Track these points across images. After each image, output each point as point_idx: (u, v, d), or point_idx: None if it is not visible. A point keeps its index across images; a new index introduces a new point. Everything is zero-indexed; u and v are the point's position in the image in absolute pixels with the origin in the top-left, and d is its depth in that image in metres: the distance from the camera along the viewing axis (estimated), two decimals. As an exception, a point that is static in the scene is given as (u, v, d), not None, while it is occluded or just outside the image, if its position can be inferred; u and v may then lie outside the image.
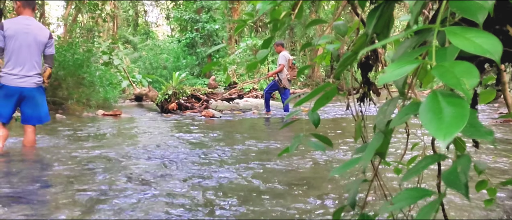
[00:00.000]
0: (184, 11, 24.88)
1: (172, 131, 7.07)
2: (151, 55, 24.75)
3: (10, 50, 4.72)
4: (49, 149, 5.00)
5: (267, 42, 2.29)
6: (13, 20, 4.90)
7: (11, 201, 2.78)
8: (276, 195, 2.97)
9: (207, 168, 3.88)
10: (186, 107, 11.23)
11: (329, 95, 1.35)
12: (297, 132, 5.03)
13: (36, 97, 4.92)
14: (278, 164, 4.06)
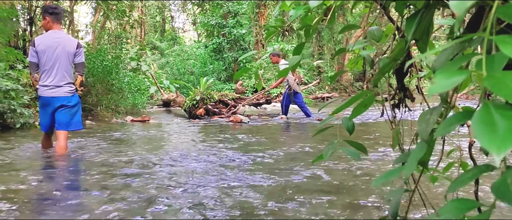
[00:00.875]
0: (211, 16, 25.00)
1: (200, 136, 7.10)
2: (178, 60, 24.95)
3: (43, 64, 4.98)
4: (80, 155, 5.07)
5: (299, 48, 2.27)
6: (44, 35, 5.12)
7: (45, 207, 2.82)
8: (304, 202, 2.94)
9: (237, 174, 3.87)
10: (213, 113, 11.26)
11: (367, 103, 1.32)
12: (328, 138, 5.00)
13: (68, 105, 5.10)
14: (307, 170, 4.03)
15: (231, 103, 11.77)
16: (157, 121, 10.33)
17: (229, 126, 8.84)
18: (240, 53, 23.73)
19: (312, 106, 16.35)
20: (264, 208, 2.81)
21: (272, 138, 7.12)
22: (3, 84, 7.65)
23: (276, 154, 5.04)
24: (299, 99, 10.99)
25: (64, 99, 5.07)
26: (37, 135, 6.92)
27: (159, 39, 40.07)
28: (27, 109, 8.23)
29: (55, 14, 5.11)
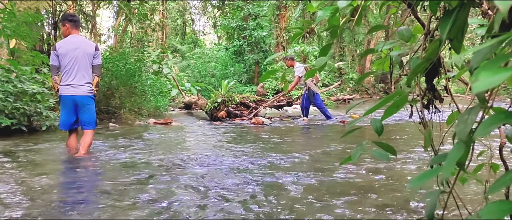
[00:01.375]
0: (231, 19, 25.07)
1: (222, 138, 7.11)
2: (199, 63, 25.06)
3: (64, 66, 5.31)
4: (104, 156, 5.12)
5: (325, 49, 2.26)
6: (64, 40, 5.49)
7: (69, 208, 2.85)
8: (332, 203, 2.92)
9: (259, 175, 3.87)
10: (235, 115, 11.27)
11: (399, 104, 1.31)
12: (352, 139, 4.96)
13: (86, 104, 5.42)
14: (332, 172, 4.01)
15: (252, 105, 11.76)
16: (179, 123, 10.38)
17: (251, 128, 8.84)
18: (261, 55, 23.74)
19: (334, 108, 16.27)
20: (291, 209, 2.80)
21: (295, 140, 7.10)
22: (29, 87, 7.78)
23: (301, 156, 5.02)
24: (318, 101, 10.96)
25: (84, 98, 5.39)
26: (62, 137, 7.02)
27: (180, 42, 40.36)
28: (52, 112, 8.35)
29: (74, 21, 5.53)
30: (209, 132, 8.26)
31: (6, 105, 7.16)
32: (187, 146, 6.25)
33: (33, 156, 5.17)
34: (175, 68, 22.30)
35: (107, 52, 12.70)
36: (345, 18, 2.08)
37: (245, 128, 8.87)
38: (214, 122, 10.91)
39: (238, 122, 10.43)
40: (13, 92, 7.52)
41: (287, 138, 7.30)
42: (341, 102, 20.47)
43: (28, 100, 7.69)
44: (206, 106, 12.03)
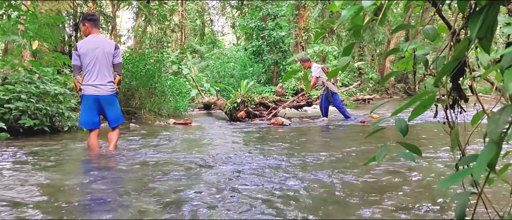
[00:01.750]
0: (250, 19, 25.07)
1: (242, 138, 7.12)
2: (218, 63, 25.12)
3: (85, 66, 5.46)
4: (125, 156, 5.17)
5: (348, 49, 2.24)
6: (84, 40, 5.62)
7: (92, 207, 2.87)
8: (355, 204, 2.90)
9: (279, 176, 3.86)
10: (254, 115, 11.27)
11: (427, 104, 1.29)
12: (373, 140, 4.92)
13: (111, 103, 5.62)
14: (354, 172, 3.98)
15: (271, 105, 11.75)
16: (199, 123, 10.42)
17: (270, 128, 8.83)
18: (280, 55, 23.69)
19: (353, 109, 16.17)
20: (312, 210, 2.78)
21: (315, 140, 7.08)
22: (51, 88, 7.88)
23: (321, 156, 5.00)
24: (337, 101, 10.92)
25: (108, 97, 5.57)
26: (83, 137, 7.10)
27: (199, 43, 40.53)
28: (74, 112, 8.46)
29: (93, 21, 5.64)
30: (229, 132, 8.27)
31: (29, 106, 7.26)
32: (208, 146, 6.27)
33: (56, 156, 5.23)
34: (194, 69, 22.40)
35: (127, 53, 12.80)
36: (369, 17, 2.06)
37: (264, 128, 8.86)
38: (233, 122, 10.93)
39: (257, 122, 10.43)
40: (36, 93, 7.63)
41: (307, 138, 7.28)
42: (361, 102, 20.34)
43: (50, 101, 7.80)
44: (225, 107, 12.04)
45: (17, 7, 8.51)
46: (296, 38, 24.32)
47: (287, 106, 12.35)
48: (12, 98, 7.21)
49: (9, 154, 5.32)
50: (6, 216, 2.68)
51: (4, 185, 3.56)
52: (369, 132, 8.05)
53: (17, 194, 3.24)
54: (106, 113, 5.61)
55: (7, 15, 8.35)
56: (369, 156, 4.97)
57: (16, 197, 3.12)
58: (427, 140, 6.51)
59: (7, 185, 3.54)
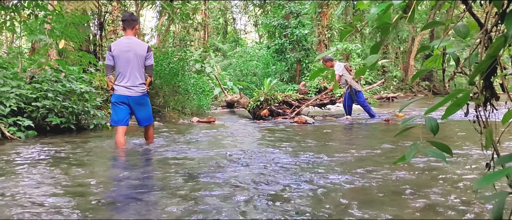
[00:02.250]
0: (273, 17, 25.04)
1: (266, 137, 7.10)
2: (241, 62, 25.14)
3: (118, 66, 5.65)
4: (151, 154, 5.21)
5: (376, 47, 2.21)
6: (117, 41, 5.84)
7: (118, 206, 2.89)
8: (382, 203, 2.87)
9: (304, 174, 3.84)
10: (278, 114, 11.24)
11: (460, 102, 1.26)
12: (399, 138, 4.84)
13: (141, 103, 5.78)
14: (380, 171, 3.94)
15: (295, 104, 11.71)
16: (222, 121, 10.44)
17: (294, 127, 8.80)
18: (302, 53, 23.62)
19: (377, 107, 16.04)
20: (339, 209, 2.76)
21: (340, 139, 7.03)
22: (77, 87, 7.98)
23: (347, 155, 4.97)
24: (361, 99, 10.83)
25: (139, 98, 5.73)
26: (109, 135, 7.18)
27: (222, 41, 40.62)
28: (99, 111, 8.56)
29: (125, 21, 5.80)
30: (253, 130, 8.27)
31: (56, 105, 7.36)
32: (232, 144, 6.27)
33: (82, 154, 5.30)
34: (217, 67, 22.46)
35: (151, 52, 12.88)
36: (397, 15, 2.03)
37: (288, 127, 8.84)
38: (256, 120, 10.92)
39: (280, 121, 10.41)
40: (62, 92, 7.73)
41: (331, 136, 7.24)
42: (385, 100, 20.17)
43: (76, 99, 7.90)
44: (248, 105, 12.04)
45: (44, 6, 8.64)
46: (319, 36, 24.22)
47: (311, 105, 12.30)
48: (40, 96, 7.32)
49: (38, 151, 5.41)
50: (37, 211, 2.71)
51: (33, 181, 3.61)
52: (394, 130, 7.97)
53: (46, 190, 3.28)
54: (135, 113, 5.80)
55: (34, 15, 8.47)
56: (395, 155, 4.92)
57: (44, 194, 3.16)
58: (454, 138, 6.41)
59: (37, 182, 3.59)
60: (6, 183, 3.56)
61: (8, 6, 8.20)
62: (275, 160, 4.71)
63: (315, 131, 8.06)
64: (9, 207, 2.83)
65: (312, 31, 24.37)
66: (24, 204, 2.89)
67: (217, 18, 43.41)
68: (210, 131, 8.05)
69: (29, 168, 4.27)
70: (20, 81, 7.59)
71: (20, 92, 7.08)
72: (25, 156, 5.03)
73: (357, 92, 10.77)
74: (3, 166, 4.39)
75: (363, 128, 8.75)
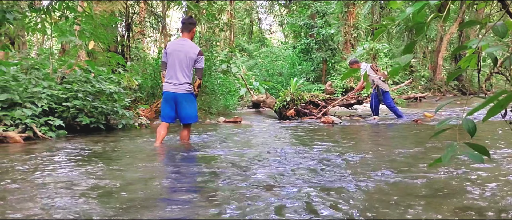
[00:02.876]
0: (298, 17, 24.98)
1: (293, 137, 7.08)
2: (267, 62, 25.15)
3: (169, 65, 6.06)
4: (180, 153, 5.24)
5: (410, 46, 2.18)
6: (173, 41, 6.36)
7: (147, 206, 2.91)
8: (411, 206, 2.83)
9: (332, 175, 3.81)
10: (304, 114, 11.20)
11: (504, 103, 1.23)
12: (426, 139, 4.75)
13: (185, 102, 6.08)
14: (411, 172, 3.88)
15: (321, 104, 11.65)
16: (249, 121, 10.45)
17: (321, 127, 8.76)
18: (328, 53, 23.51)
19: (404, 107, 15.86)
20: (365, 211, 2.73)
21: (367, 139, 6.97)
22: (106, 87, 8.09)
23: (375, 156, 4.92)
24: (388, 100, 10.71)
25: (184, 95, 6.04)
26: (138, 135, 7.26)
27: (247, 41, 40.71)
28: (128, 111, 8.66)
29: (182, 24, 6.28)
30: (280, 130, 8.26)
31: (86, 105, 7.48)
32: (260, 144, 6.27)
33: (112, 153, 5.36)
34: (243, 68, 22.51)
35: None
36: (432, 14, 2.00)
37: (315, 127, 8.80)
38: (283, 120, 10.90)
39: (307, 121, 10.37)
40: (92, 92, 7.85)
41: (358, 137, 7.18)
42: (412, 100, 19.92)
43: (105, 99, 8.01)
44: (275, 105, 12.04)
45: (74, 8, 8.78)
46: (345, 36, 24.07)
47: (337, 105, 12.22)
48: (70, 97, 7.45)
49: (69, 150, 5.49)
50: (68, 210, 2.75)
51: (64, 180, 3.67)
52: (422, 130, 7.87)
53: (77, 189, 3.32)
54: (179, 109, 6.10)
55: (64, 16, 8.62)
56: (426, 156, 4.85)
57: (76, 192, 3.21)
58: (487, 139, 6.29)
59: (68, 181, 3.64)
60: (37, 182, 3.62)
61: (39, 8, 8.36)
62: (301, 159, 4.68)
63: (342, 131, 8.00)
64: (39, 205, 2.88)
65: (338, 30, 24.23)
66: (56, 203, 2.93)
67: (242, 18, 43.53)
68: (238, 131, 8.07)
69: (60, 167, 4.34)
70: (51, 82, 7.74)
71: (51, 92, 7.22)
72: (56, 155, 5.11)
73: (384, 93, 10.66)
74: (35, 165, 4.47)
75: (391, 128, 8.65)
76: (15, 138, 6.18)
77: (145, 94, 11.39)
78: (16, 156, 5.06)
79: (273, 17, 48.93)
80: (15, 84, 6.93)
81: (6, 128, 6.32)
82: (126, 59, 15.81)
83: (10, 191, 3.31)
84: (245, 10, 43.66)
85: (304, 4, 25.36)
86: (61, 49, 13.15)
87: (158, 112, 10.94)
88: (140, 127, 8.62)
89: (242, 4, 41.55)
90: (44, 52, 11.14)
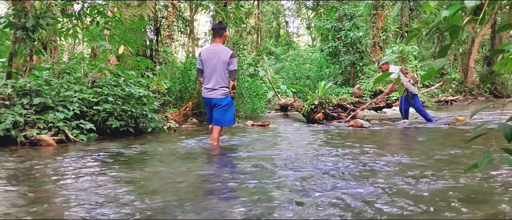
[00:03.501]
0: (326, 20, 24.85)
1: (321, 141, 7.03)
2: (294, 65, 25.07)
3: (205, 71, 6.31)
4: (210, 156, 5.26)
5: (444, 50, 2.14)
6: (206, 48, 6.59)
7: (177, 208, 2.92)
8: (440, 211, 2.77)
9: (361, 180, 3.77)
10: (332, 117, 11.11)
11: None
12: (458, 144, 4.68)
13: (221, 105, 6.28)
14: (441, 178, 3.81)
15: (350, 107, 11.53)
16: (277, 125, 10.43)
17: (350, 131, 8.68)
18: (357, 56, 23.32)
19: (435, 110, 15.61)
20: (393, 216, 2.69)
21: (397, 143, 6.88)
22: (136, 91, 8.18)
23: (405, 160, 4.84)
24: (417, 103, 10.53)
25: (218, 100, 6.26)
26: (167, 138, 7.32)
27: (274, 45, 40.67)
28: (157, 114, 8.73)
29: (213, 30, 6.48)
30: (308, 133, 8.22)
31: (116, 108, 7.57)
32: (288, 147, 6.26)
33: (143, 155, 5.43)
34: (270, 71, 22.49)
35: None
36: (468, 17, 1.95)
37: (344, 130, 8.72)
38: (311, 124, 10.84)
39: (335, 124, 10.30)
40: (122, 96, 7.95)
41: (388, 141, 7.10)
42: (443, 104, 19.60)
43: (134, 103, 8.09)
44: (302, 109, 11.97)
45: (104, 13, 8.91)
46: (374, 38, 23.85)
47: (366, 108, 12.09)
48: (100, 100, 7.56)
49: (101, 153, 5.56)
50: (105, 212, 2.78)
51: (98, 182, 3.71)
52: (454, 134, 7.73)
53: (111, 190, 3.36)
54: (213, 111, 6.37)
55: (95, 21, 8.75)
56: (458, 161, 4.76)
57: (110, 193, 3.24)
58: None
59: (101, 182, 3.69)
60: (71, 183, 3.68)
61: (71, 14, 8.51)
62: (331, 163, 4.65)
63: (372, 134, 7.91)
64: (76, 206, 2.92)
65: (366, 33, 24.02)
66: (96, 206, 2.97)
67: (270, 22, 43.51)
68: (266, 134, 8.07)
69: (93, 170, 4.40)
70: (82, 86, 7.86)
71: (83, 96, 7.34)
72: (89, 158, 5.19)
73: (413, 96, 10.50)
74: (70, 167, 4.55)
75: (422, 132, 8.52)
76: (48, 141, 6.29)
77: (173, 98, 11.46)
78: (51, 159, 5.16)
79: (300, 20, 48.81)
80: (48, 88, 7.06)
81: (40, 131, 6.44)
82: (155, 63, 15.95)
83: (53, 194, 3.38)
84: (272, 13, 43.62)
85: (331, 7, 25.22)
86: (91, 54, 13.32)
87: (187, 116, 11.03)
88: (168, 131, 8.68)
89: (269, 7, 41.54)
90: (75, 57, 11.34)
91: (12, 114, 6.32)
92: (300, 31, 51.12)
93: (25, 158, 5.21)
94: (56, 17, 8.59)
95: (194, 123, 10.64)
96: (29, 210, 2.90)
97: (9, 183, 3.79)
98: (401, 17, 28.02)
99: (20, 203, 3.08)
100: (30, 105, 6.71)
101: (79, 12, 8.43)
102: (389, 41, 23.82)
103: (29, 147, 6.13)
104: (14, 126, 6.32)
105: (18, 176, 4.09)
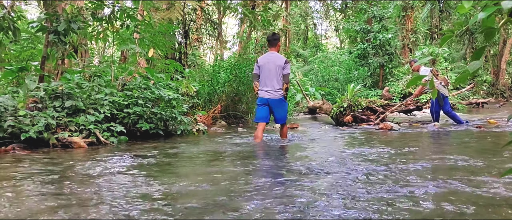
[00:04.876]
0: (354, 22, 24.68)
1: (351, 144, 6.98)
2: (322, 67, 24.97)
3: (262, 75, 7.11)
4: (239, 160, 5.26)
5: (479, 52, 2.10)
6: (263, 55, 7.31)
7: (207, 211, 2.93)
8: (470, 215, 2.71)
9: (393, 184, 3.72)
10: (361, 120, 11.02)
11: None
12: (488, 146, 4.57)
13: (277, 106, 7.12)
14: (474, 182, 3.74)
15: (379, 110, 11.41)
16: (305, 128, 10.39)
17: (379, 133, 8.59)
18: (386, 58, 23.09)
19: (465, 113, 15.34)
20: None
21: (428, 147, 6.77)
22: (165, 94, 8.26)
23: (436, 164, 4.76)
24: (446, 106, 10.36)
25: (276, 101, 7.06)
26: (196, 141, 7.37)
27: (302, 47, 40.61)
28: (186, 117, 8.80)
29: (268, 41, 7.32)
30: (337, 136, 8.16)
31: (145, 111, 7.66)
32: (318, 150, 6.21)
33: (173, 158, 5.46)
34: (298, 73, 22.46)
35: (234, 59, 13.08)
36: (504, 19, 1.92)
37: (373, 133, 8.64)
38: (340, 126, 10.77)
39: (365, 127, 10.21)
40: (151, 99, 8.04)
41: (418, 144, 6.99)
42: (474, 106, 19.25)
43: (164, 106, 8.18)
44: (331, 111, 11.91)
45: (134, 17, 9.03)
46: (403, 40, 23.58)
47: (395, 111, 11.95)
48: (131, 103, 7.66)
49: (131, 155, 5.62)
50: (139, 213, 2.81)
51: (134, 185, 3.75)
52: (486, 137, 7.57)
53: (142, 192, 3.39)
54: (274, 112, 7.18)
55: (125, 25, 8.88)
56: (490, 165, 4.65)
57: (140, 196, 3.27)
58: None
59: (138, 186, 3.73)
60: (104, 184, 3.72)
61: (102, 17, 8.65)
62: (361, 167, 4.60)
63: (402, 137, 7.81)
64: (108, 207, 2.95)
65: (395, 35, 23.77)
66: (129, 209, 3.00)
67: (298, 24, 43.46)
68: (295, 136, 8.04)
69: (126, 172, 4.44)
70: (113, 88, 7.97)
71: (113, 99, 7.45)
72: (121, 160, 5.25)
73: (443, 99, 10.33)
74: (102, 169, 4.61)
75: (453, 135, 8.37)
76: (80, 143, 6.40)
77: (202, 101, 11.55)
78: (83, 160, 5.23)
79: (328, 22, 48.60)
80: (79, 91, 7.18)
81: (71, 133, 6.56)
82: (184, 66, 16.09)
83: (85, 195, 3.42)
84: (300, 15, 43.57)
85: (360, 9, 25.04)
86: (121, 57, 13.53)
87: (215, 118, 11.08)
88: (198, 133, 8.74)
89: (297, 9, 41.48)
90: (105, 60, 11.52)
91: (45, 116, 6.45)
92: (328, 33, 50.93)
93: (57, 159, 5.30)
94: (86, 21, 8.74)
95: (223, 126, 10.68)
96: (62, 211, 2.95)
97: (42, 184, 3.86)
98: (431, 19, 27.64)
99: (53, 205, 3.13)
100: (62, 108, 6.84)
101: (109, 16, 8.57)
102: (419, 43, 23.51)
103: (61, 149, 6.24)
104: (47, 128, 6.44)
105: (51, 178, 4.16)
